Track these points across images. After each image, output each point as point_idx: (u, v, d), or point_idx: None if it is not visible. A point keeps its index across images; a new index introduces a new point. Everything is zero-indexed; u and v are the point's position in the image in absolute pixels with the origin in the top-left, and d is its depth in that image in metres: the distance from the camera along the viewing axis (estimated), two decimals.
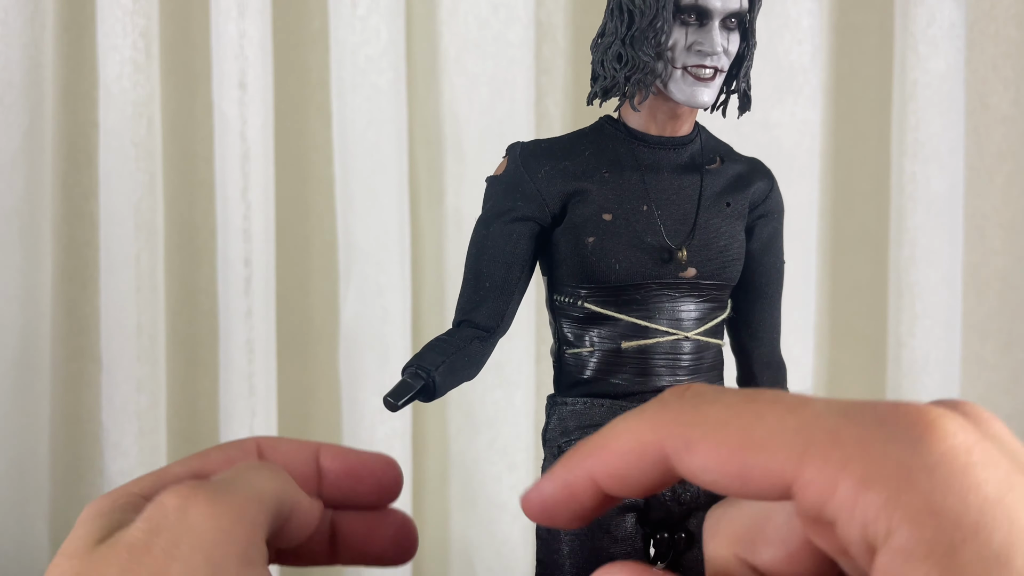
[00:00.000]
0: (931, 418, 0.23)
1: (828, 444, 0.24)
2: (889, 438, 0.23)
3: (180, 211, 0.97)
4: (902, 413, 0.24)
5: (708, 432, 0.26)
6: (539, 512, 0.30)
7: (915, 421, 0.23)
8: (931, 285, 0.92)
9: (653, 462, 0.27)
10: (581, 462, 0.29)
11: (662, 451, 0.27)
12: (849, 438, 0.24)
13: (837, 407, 0.25)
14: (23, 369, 0.91)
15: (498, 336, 0.42)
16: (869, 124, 0.98)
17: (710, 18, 0.39)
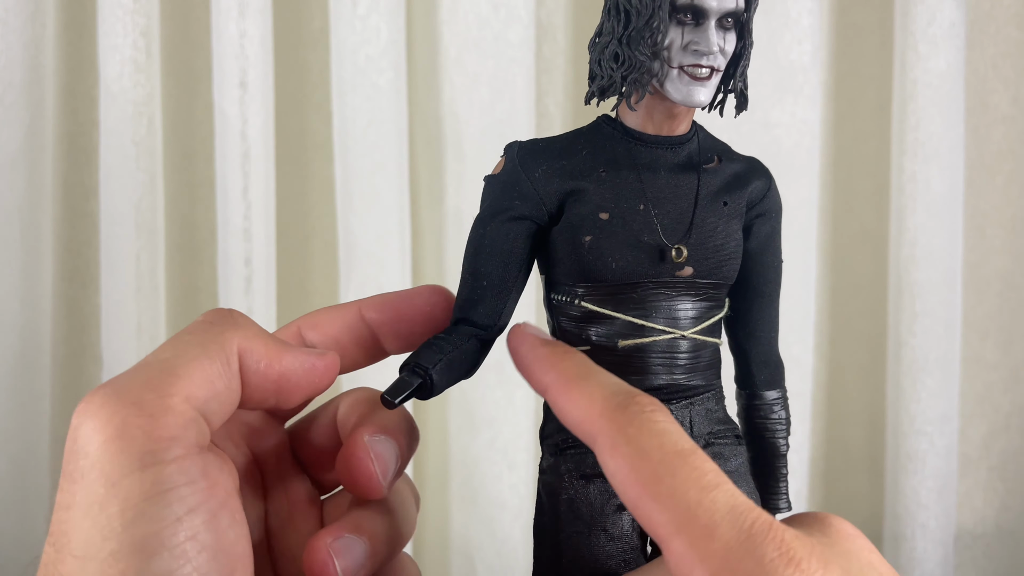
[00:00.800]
0: (790, 546, 0.28)
1: (703, 533, 0.28)
2: (749, 551, 0.27)
3: (181, 210, 0.97)
4: (772, 535, 0.28)
5: (631, 454, 0.31)
6: (512, 340, 0.38)
7: (777, 544, 0.28)
8: (931, 284, 0.92)
9: (587, 434, 0.33)
10: (557, 377, 0.35)
11: (596, 434, 0.32)
12: (721, 538, 0.28)
13: (733, 505, 0.29)
14: (23, 369, 0.91)
15: (496, 334, 0.42)
16: (869, 124, 0.98)
17: (706, 18, 0.39)
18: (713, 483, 0.29)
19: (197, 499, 0.30)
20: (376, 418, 0.38)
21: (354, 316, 0.40)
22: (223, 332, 0.34)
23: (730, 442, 0.43)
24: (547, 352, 0.37)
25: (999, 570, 1.03)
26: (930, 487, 0.93)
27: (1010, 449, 1.02)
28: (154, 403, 0.31)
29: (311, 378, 0.37)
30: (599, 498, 0.41)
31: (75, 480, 0.30)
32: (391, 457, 0.37)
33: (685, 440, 0.31)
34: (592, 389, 0.34)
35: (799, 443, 0.93)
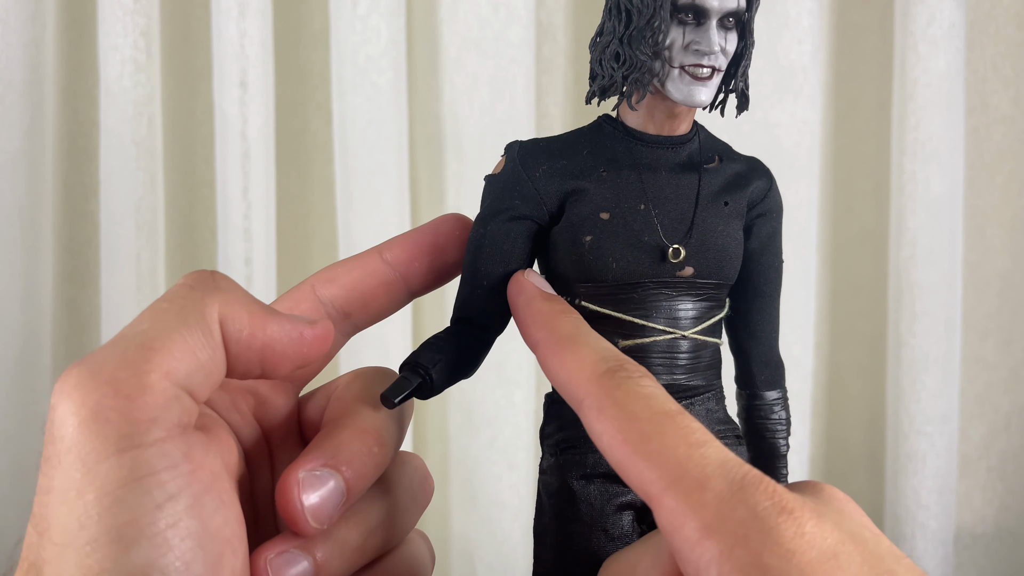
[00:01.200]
0: (780, 496, 0.28)
1: (695, 486, 0.28)
2: (742, 501, 0.27)
3: (181, 210, 0.97)
4: (763, 487, 0.28)
5: (618, 415, 0.31)
6: (512, 287, 0.38)
7: (769, 495, 0.28)
8: (931, 285, 0.92)
9: (573, 396, 0.33)
10: (549, 335, 0.35)
11: (583, 398, 0.32)
12: (713, 490, 0.28)
13: (723, 459, 0.29)
14: (24, 368, 0.91)
15: (495, 334, 0.42)
16: (869, 124, 0.98)
17: (707, 17, 0.39)
18: (702, 440, 0.29)
19: (179, 484, 0.29)
20: (325, 446, 0.34)
21: (375, 261, 0.39)
22: (203, 297, 0.32)
23: (730, 442, 0.43)
24: (543, 308, 0.37)
25: (999, 570, 1.03)
26: (930, 487, 0.93)
27: (1010, 449, 1.02)
28: (130, 381, 0.29)
29: (299, 348, 0.34)
30: (599, 498, 0.41)
31: (53, 464, 0.28)
32: (328, 495, 0.33)
33: (672, 403, 0.31)
34: (583, 352, 0.34)
35: (799, 443, 0.93)
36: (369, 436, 0.36)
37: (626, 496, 0.41)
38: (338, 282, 0.39)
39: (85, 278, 0.97)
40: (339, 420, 0.36)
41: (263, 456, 0.37)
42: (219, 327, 0.32)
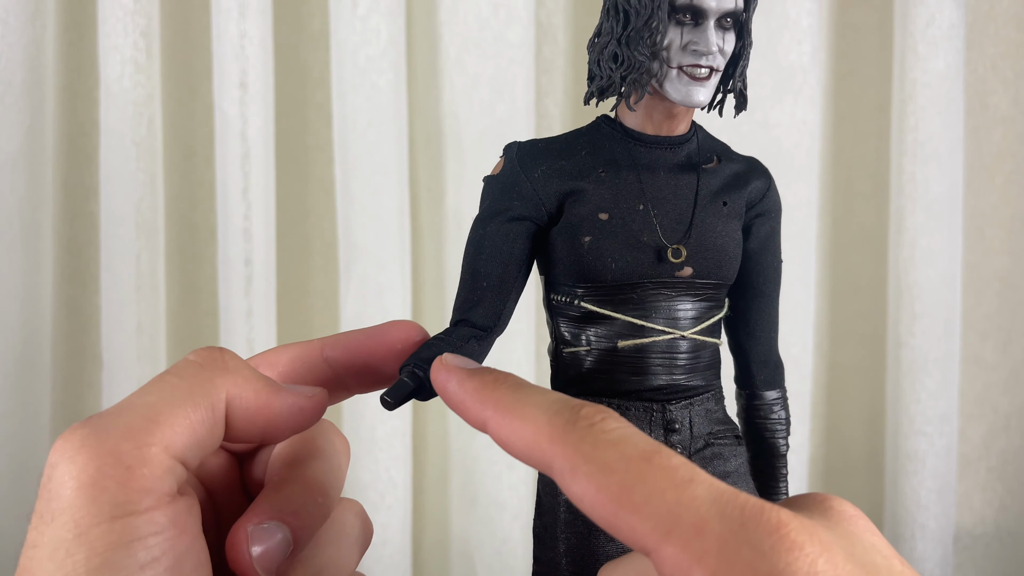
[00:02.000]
0: (787, 530, 0.26)
1: (693, 532, 0.26)
2: (745, 541, 0.26)
3: (181, 211, 0.97)
4: (764, 520, 0.26)
5: (593, 472, 0.28)
6: (437, 377, 0.35)
7: (773, 529, 0.26)
8: (931, 285, 0.92)
9: (540, 462, 0.31)
10: (494, 410, 0.33)
11: (551, 461, 0.30)
12: (712, 532, 0.26)
13: (716, 495, 0.27)
14: (24, 368, 0.91)
15: (495, 335, 0.42)
16: (868, 124, 0.98)
17: (705, 17, 0.39)
18: (687, 477, 0.28)
19: (163, 548, 0.31)
20: (272, 499, 0.36)
21: (315, 356, 0.39)
22: (212, 378, 0.34)
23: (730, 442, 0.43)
24: (476, 385, 0.34)
25: (998, 570, 1.03)
26: (929, 487, 0.93)
27: (1009, 450, 1.02)
28: (132, 453, 0.31)
29: (298, 420, 0.36)
30: None
31: (45, 521, 0.30)
32: (276, 547, 0.35)
33: (644, 441, 0.29)
34: (533, 413, 0.32)
35: (799, 443, 0.93)
36: (313, 488, 0.37)
37: None
38: (276, 370, 0.39)
39: (85, 278, 0.97)
40: (284, 474, 0.38)
41: (208, 513, 0.39)
42: (224, 406, 0.34)
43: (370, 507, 0.91)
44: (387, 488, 0.91)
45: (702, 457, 0.42)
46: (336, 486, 0.39)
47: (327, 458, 0.39)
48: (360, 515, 0.41)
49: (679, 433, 0.41)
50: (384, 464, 0.91)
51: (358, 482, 0.92)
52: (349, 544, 0.39)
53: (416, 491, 0.97)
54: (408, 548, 0.94)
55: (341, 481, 0.40)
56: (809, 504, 0.30)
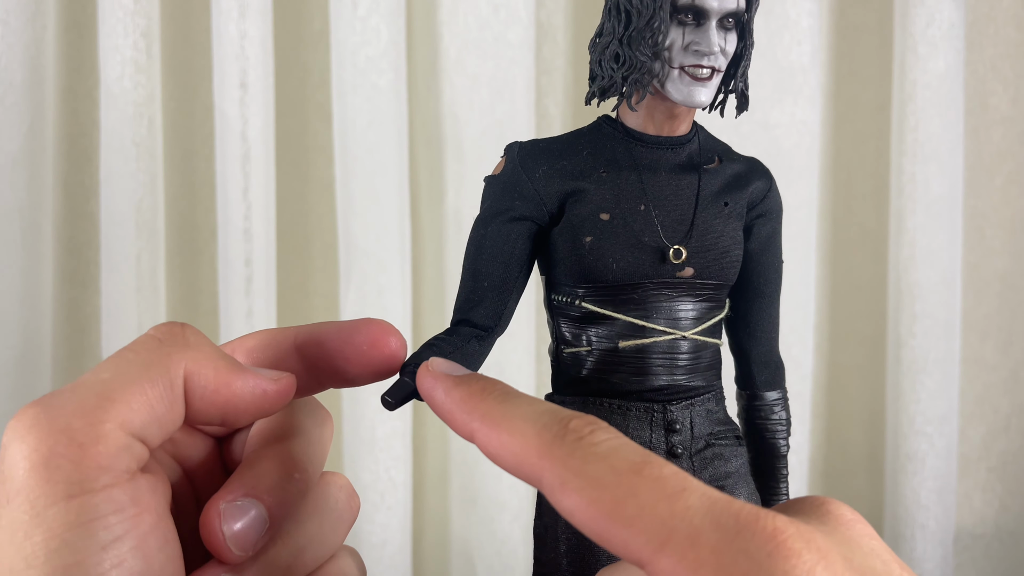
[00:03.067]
0: (783, 537, 0.25)
1: (687, 544, 0.26)
2: (741, 550, 0.25)
3: (181, 211, 0.97)
4: (760, 527, 0.26)
5: (583, 487, 0.28)
6: (423, 384, 0.34)
7: (769, 537, 0.25)
8: (931, 285, 0.92)
9: (529, 476, 0.30)
10: (481, 422, 0.32)
11: (540, 476, 0.29)
12: (707, 543, 0.26)
13: (709, 504, 0.27)
14: (24, 369, 0.91)
15: (496, 335, 0.42)
16: (869, 124, 0.98)
17: (707, 18, 0.39)
18: (679, 487, 0.27)
19: (125, 527, 0.30)
20: (246, 476, 0.35)
21: (287, 343, 0.38)
22: (170, 353, 0.33)
23: (730, 443, 0.43)
24: (463, 395, 0.34)
25: (998, 570, 1.03)
26: (929, 488, 0.93)
27: (1009, 450, 1.02)
28: (85, 431, 0.30)
29: (261, 403, 0.35)
30: None
31: (1, 503, 0.29)
32: (250, 524, 0.34)
33: (634, 452, 0.29)
34: (521, 426, 0.31)
35: (799, 443, 0.93)
36: (289, 463, 0.36)
37: None
38: (251, 356, 0.38)
39: (85, 278, 0.97)
40: (259, 451, 0.37)
41: (187, 495, 0.38)
42: (183, 382, 0.33)
43: (370, 507, 0.91)
44: (387, 488, 0.91)
45: (703, 457, 0.42)
46: (316, 461, 0.38)
47: (305, 432, 0.38)
48: (344, 488, 0.40)
49: (680, 433, 0.41)
50: (384, 464, 0.91)
51: (358, 482, 0.92)
52: (333, 519, 0.39)
53: (416, 491, 0.97)
54: (408, 548, 0.94)
55: (322, 455, 0.39)
56: (806, 508, 0.30)
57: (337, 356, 0.38)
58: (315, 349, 0.38)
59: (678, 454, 0.41)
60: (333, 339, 0.38)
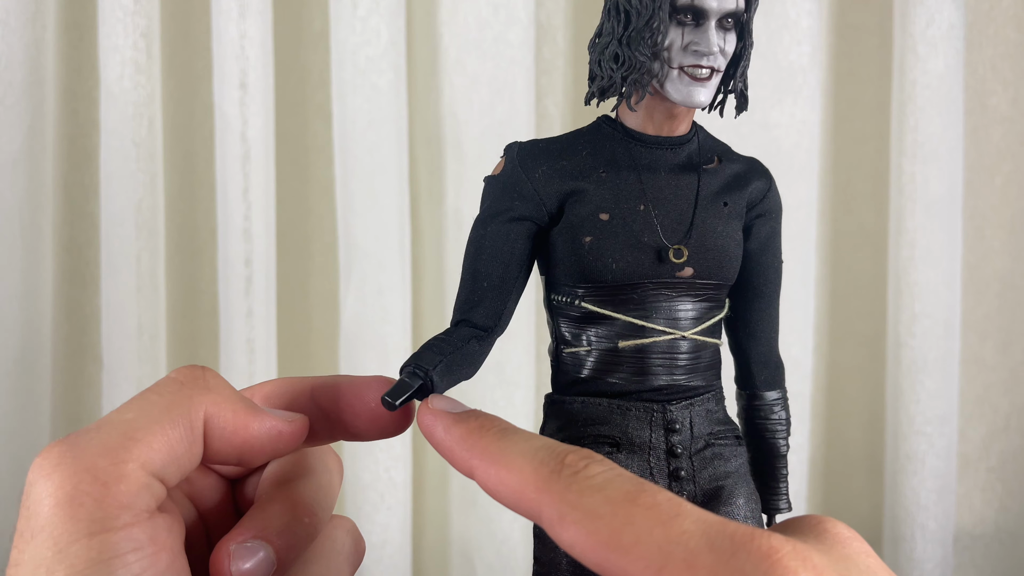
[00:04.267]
0: (778, 557, 0.26)
1: (684, 567, 0.26)
2: (737, 570, 0.26)
3: (181, 211, 0.97)
4: (755, 547, 0.26)
5: (581, 519, 0.29)
6: (423, 421, 0.36)
7: (764, 557, 0.26)
8: (931, 285, 0.92)
9: (528, 511, 0.31)
10: (480, 459, 0.33)
11: (539, 510, 0.30)
12: (704, 566, 0.26)
13: (704, 528, 0.27)
14: (24, 369, 0.91)
15: (496, 335, 0.42)
16: (868, 124, 0.98)
17: (706, 18, 0.39)
18: (673, 512, 0.28)
19: (143, 565, 0.31)
20: (256, 518, 0.36)
21: (303, 391, 0.39)
22: (191, 396, 0.34)
23: (730, 443, 0.43)
24: (462, 432, 0.34)
25: (998, 570, 1.03)
26: (929, 488, 0.93)
27: (1009, 450, 1.02)
28: (108, 470, 0.31)
29: (276, 444, 0.36)
30: None
31: (25, 539, 0.30)
32: (258, 565, 0.35)
33: (628, 482, 0.29)
34: (519, 463, 0.32)
35: (799, 443, 0.93)
36: (299, 507, 0.37)
37: None
38: (269, 403, 0.39)
39: (85, 278, 0.97)
40: (271, 493, 0.38)
41: (199, 534, 0.39)
42: (202, 424, 0.34)
43: (370, 507, 0.91)
44: (387, 488, 0.91)
45: (702, 457, 0.42)
46: (325, 505, 0.39)
47: (316, 476, 0.39)
48: (351, 532, 0.41)
49: (679, 433, 0.41)
50: (384, 464, 0.91)
51: (358, 482, 0.92)
52: (339, 562, 0.39)
53: (416, 491, 0.97)
54: (408, 548, 0.94)
55: (332, 500, 0.40)
56: (803, 527, 0.30)
57: (347, 409, 0.38)
58: (329, 400, 0.39)
59: (678, 454, 0.41)
60: (346, 392, 0.39)
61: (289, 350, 0.97)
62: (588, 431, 0.41)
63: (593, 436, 0.41)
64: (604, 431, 0.41)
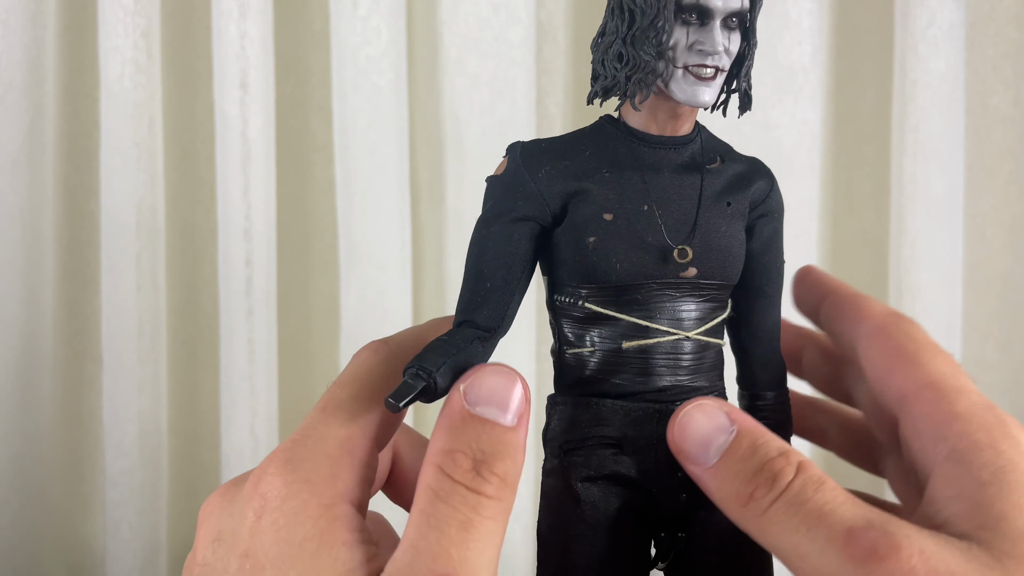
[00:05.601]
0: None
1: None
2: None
3: (181, 211, 0.97)
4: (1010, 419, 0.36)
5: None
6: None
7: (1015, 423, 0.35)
8: (931, 286, 0.92)
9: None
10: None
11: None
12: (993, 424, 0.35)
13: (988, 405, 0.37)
14: (24, 369, 0.91)
15: (499, 337, 0.42)
16: (869, 124, 0.98)
17: (711, 17, 0.39)
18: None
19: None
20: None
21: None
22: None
23: None
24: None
25: None
26: None
27: None
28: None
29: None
30: (602, 500, 0.41)
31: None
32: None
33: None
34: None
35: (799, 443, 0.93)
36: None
37: (629, 498, 0.41)
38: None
39: (85, 278, 0.97)
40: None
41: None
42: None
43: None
44: None
45: None
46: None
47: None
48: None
49: None
50: None
51: None
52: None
53: None
54: None
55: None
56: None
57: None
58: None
59: None
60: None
61: (289, 350, 0.97)
62: (591, 432, 0.41)
63: (596, 437, 0.41)
64: (607, 432, 0.41)
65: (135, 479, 0.92)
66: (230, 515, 0.35)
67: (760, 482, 0.35)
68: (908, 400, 0.38)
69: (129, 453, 0.92)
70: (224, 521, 0.35)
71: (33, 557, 0.94)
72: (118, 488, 0.92)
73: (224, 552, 0.34)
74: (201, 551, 0.35)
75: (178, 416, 0.98)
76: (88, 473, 0.99)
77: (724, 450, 0.37)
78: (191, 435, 1.00)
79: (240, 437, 0.91)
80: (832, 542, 0.32)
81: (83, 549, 1.00)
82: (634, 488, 0.41)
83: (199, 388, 0.99)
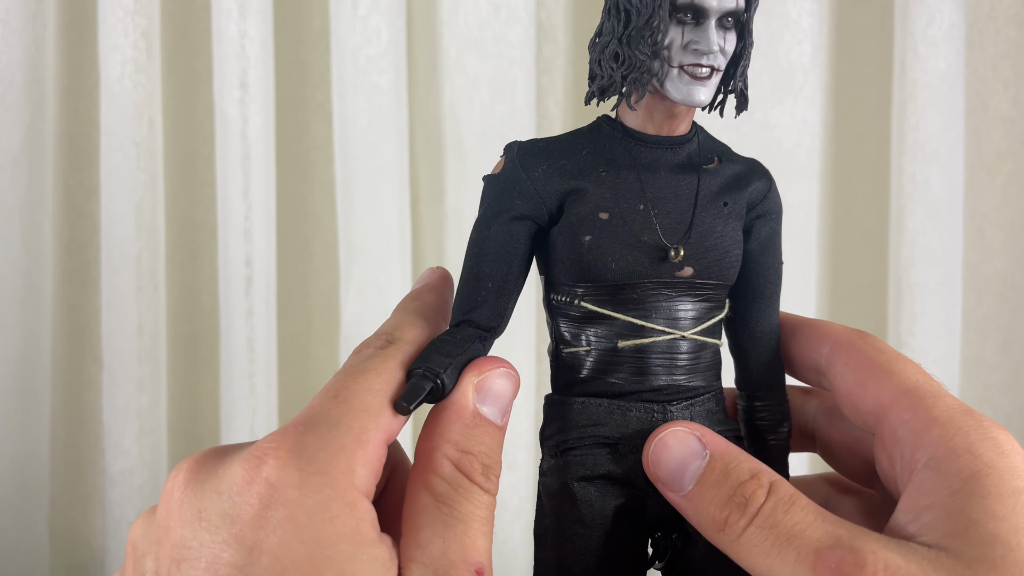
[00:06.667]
0: (1008, 448, 0.35)
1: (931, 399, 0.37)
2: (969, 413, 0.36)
3: (181, 211, 0.97)
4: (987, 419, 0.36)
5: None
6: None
7: (992, 424, 0.36)
8: (931, 285, 0.92)
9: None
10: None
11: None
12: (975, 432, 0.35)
13: (966, 408, 0.37)
14: (24, 369, 0.91)
15: (497, 335, 0.42)
16: (869, 124, 0.98)
17: (706, 17, 0.39)
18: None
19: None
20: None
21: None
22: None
23: None
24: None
25: None
26: None
27: None
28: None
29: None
30: (599, 500, 0.41)
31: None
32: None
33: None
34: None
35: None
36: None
37: (625, 497, 0.41)
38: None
39: (86, 278, 0.97)
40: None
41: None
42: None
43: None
44: None
45: None
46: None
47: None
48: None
49: None
50: None
51: None
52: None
53: None
54: None
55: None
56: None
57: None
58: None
59: None
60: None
61: (289, 350, 0.97)
62: (587, 432, 0.41)
63: (593, 437, 0.41)
64: (603, 432, 0.41)
65: (135, 479, 0.92)
66: (216, 493, 0.32)
67: (733, 507, 0.36)
68: (885, 409, 0.38)
69: (129, 453, 0.92)
70: (207, 501, 0.32)
71: (33, 557, 0.94)
72: (118, 488, 0.92)
73: (213, 534, 0.31)
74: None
75: (178, 416, 0.98)
76: (88, 473, 0.99)
77: (698, 476, 0.38)
78: (191, 435, 1.00)
79: (240, 437, 0.91)
80: (802, 563, 0.33)
81: (83, 549, 1.00)
82: (630, 488, 0.41)
83: (199, 388, 1.00)
